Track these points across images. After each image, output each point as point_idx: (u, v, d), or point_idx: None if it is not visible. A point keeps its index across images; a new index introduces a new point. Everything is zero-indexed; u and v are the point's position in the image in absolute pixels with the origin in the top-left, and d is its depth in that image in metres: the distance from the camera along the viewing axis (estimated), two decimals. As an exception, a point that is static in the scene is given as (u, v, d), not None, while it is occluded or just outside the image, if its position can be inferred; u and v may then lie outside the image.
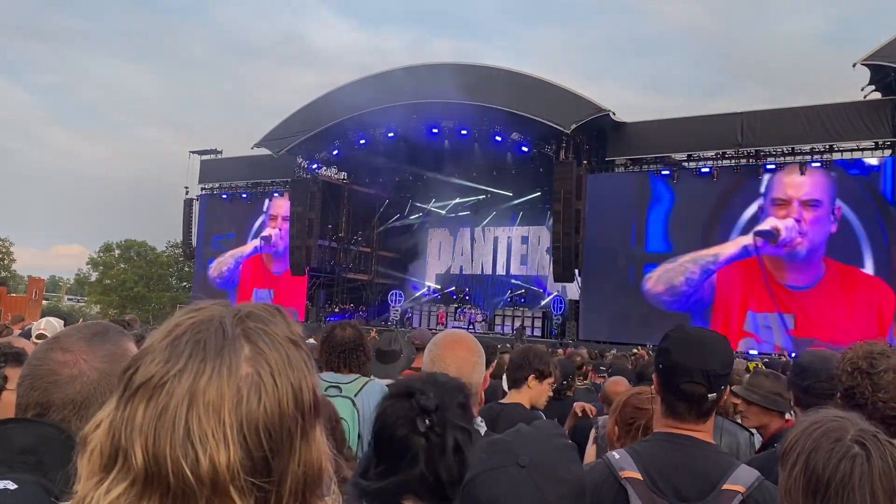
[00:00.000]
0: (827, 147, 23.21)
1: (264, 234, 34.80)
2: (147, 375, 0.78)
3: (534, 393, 3.68)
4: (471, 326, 28.51)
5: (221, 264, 35.99)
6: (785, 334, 22.93)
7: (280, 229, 34.20)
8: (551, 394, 3.89)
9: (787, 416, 3.21)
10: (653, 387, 2.13)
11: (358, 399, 3.56)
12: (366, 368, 3.90)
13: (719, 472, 1.91)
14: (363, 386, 3.65)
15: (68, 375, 1.52)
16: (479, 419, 2.86)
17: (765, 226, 23.38)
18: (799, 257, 22.94)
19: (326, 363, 3.75)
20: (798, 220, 22.97)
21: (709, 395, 1.96)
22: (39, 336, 4.70)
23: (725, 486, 1.87)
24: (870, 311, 21.83)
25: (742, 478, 1.89)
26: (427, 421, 1.32)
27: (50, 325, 4.89)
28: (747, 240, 23.76)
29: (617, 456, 1.99)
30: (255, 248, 35.15)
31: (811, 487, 1.45)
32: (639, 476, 1.91)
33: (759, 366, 7.10)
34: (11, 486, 1.26)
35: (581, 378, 6.85)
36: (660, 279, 25.03)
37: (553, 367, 3.76)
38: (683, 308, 24.27)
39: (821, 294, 22.56)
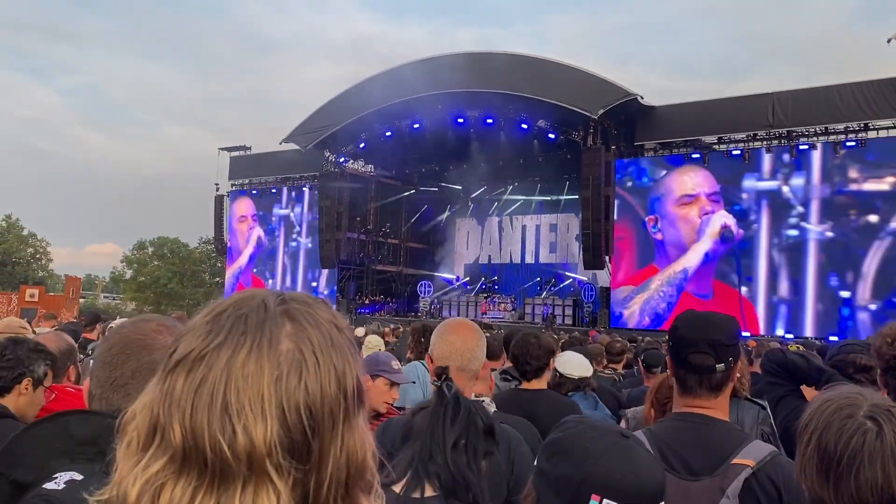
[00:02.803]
0: (862, 126, 22.68)
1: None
2: (187, 350, 0.77)
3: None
4: (502, 315, 28.56)
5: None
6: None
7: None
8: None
9: None
10: (668, 369, 2.18)
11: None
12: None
13: (731, 447, 1.94)
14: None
15: (161, 343, 1.54)
16: (487, 398, 2.92)
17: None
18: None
19: None
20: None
21: (717, 366, 2.01)
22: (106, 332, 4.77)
23: (735, 461, 1.89)
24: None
25: (753, 452, 1.91)
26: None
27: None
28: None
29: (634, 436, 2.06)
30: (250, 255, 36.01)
31: (824, 465, 1.44)
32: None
33: (799, 348, 7.01)
34: (78, 476, 1.26)
35: (603, 365, 6.79)
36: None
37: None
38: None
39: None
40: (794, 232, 23.57)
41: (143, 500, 0.73)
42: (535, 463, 1.37)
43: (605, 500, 1.22)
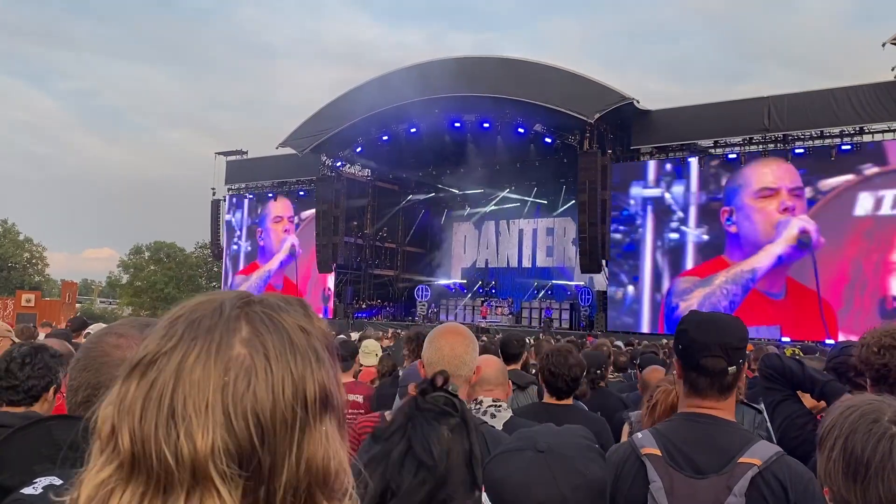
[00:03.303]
0: (857, 129, 22.77)
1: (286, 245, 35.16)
2: (142, 353, 0.76)
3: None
4: (499, 319, 28.54)
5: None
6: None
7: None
8: (582, 382, 3.86)
9: None
10: (674, 371, 2.19)
11: None
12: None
13: (737, 446, 1.96)
14: None
15: (119, 357, 1.55)
16: (504, 404, 2.89)
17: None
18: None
19: None
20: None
21: (728, 369, 2.03)
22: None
23: (742, 459, 1.91)
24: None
25: (759, 452, 1.93)
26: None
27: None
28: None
29: (640, 435, 2.08)
30: (281, 261, 35.34)
31: (851, 469, 1.46)
32: (658, 452, 1.99)
33: (797, 352, 7.01)
34: (57, 481, 1.27)
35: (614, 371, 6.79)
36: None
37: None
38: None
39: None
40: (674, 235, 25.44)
41: None
42: None
43: (482, 494, 1.21)
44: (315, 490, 0.76)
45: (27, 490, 1.27)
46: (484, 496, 1.20)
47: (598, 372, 5.36)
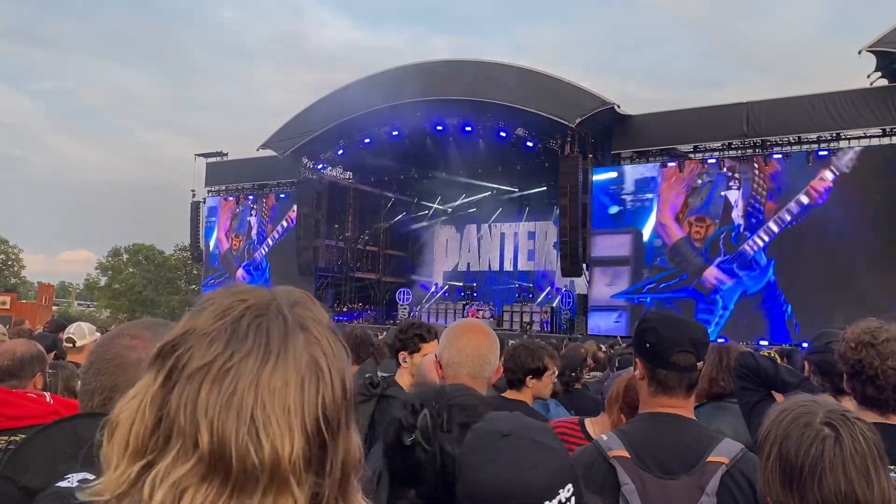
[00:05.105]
0: (834, 135, 23.08)
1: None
2: (208, 358, 0.78)
3: (535, 390, 3.62)
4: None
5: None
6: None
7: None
8: (555, 382, 3.84)
9: None
10: (636, 372, 2.15)
11: None
12: (370, 362, 3.90)
13: (704, 445, 1.97)
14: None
15: (135, 359, 1.55)
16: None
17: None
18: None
19: None
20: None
21: (697, 364, 2.06)
22: (68, 340, 4.70)
23: (710, 458, 1.92)
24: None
25: (726, 450, 1.94)
26: (413, 436, 1.26)
27: (79, 329, 4.84)
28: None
29: (605, 438, 2.07)
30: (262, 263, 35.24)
31: (787, 475, 1.46)
32: (626, 454, 1.98)
33: (771, 353, 7.08)
34: (90, 476, 1.25)
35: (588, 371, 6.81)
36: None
37: (550, 359, 3.64)
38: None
39: None
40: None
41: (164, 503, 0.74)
42: None
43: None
44: (348, 481, 0.82)
45: (62, 484, 1.26)
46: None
47: (574, 374, 5.37)
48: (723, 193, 24.45)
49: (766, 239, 23.62)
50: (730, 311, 24.05)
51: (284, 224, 34.22)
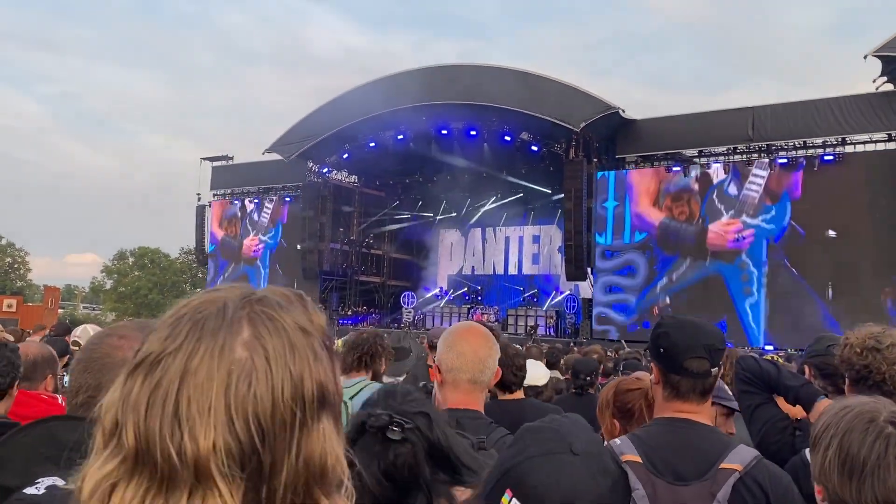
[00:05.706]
0: (839, 140, 23.04)
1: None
2: (147, 352, 0.78)
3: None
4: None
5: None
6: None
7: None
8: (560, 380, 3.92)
9: None
10: (652, 376, 2.16)
11: (352, 402, 3.40)
12: (377, 368, 3.88)
13: (717, 451, 1.96)
14: (361, 389, 3.55)
15: (121, 359, 1.56)
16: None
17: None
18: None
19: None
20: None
21: (712, 370, 2.04)
22: (75, 343, 4.73)
23: (723, 465, 1.91)
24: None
25: (739, 457, 1.93)
26: (396, 427, 1.28)
27: (85, 332, 4.88)
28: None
29: (619, 442, 2.05)
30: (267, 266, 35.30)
31: (847, 468, 1.50)
32: (638, 459, 1.95)
33: (775, 358, 7.06)
34: (60, 482, 1.25)
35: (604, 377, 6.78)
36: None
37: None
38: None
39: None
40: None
41: (94, 498, 0.74)
42: None
43: (513, 500, 1.19)
44: (313, 485, 0.78)
45: (30, 490, 1.26)
46: (514, 501, 1.18)
47: (588, 378, 5.34)
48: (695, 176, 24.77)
49: (765, 175, 23.67)
50: (767, 266, 23.48)
51: (290, 227, 34.25)
